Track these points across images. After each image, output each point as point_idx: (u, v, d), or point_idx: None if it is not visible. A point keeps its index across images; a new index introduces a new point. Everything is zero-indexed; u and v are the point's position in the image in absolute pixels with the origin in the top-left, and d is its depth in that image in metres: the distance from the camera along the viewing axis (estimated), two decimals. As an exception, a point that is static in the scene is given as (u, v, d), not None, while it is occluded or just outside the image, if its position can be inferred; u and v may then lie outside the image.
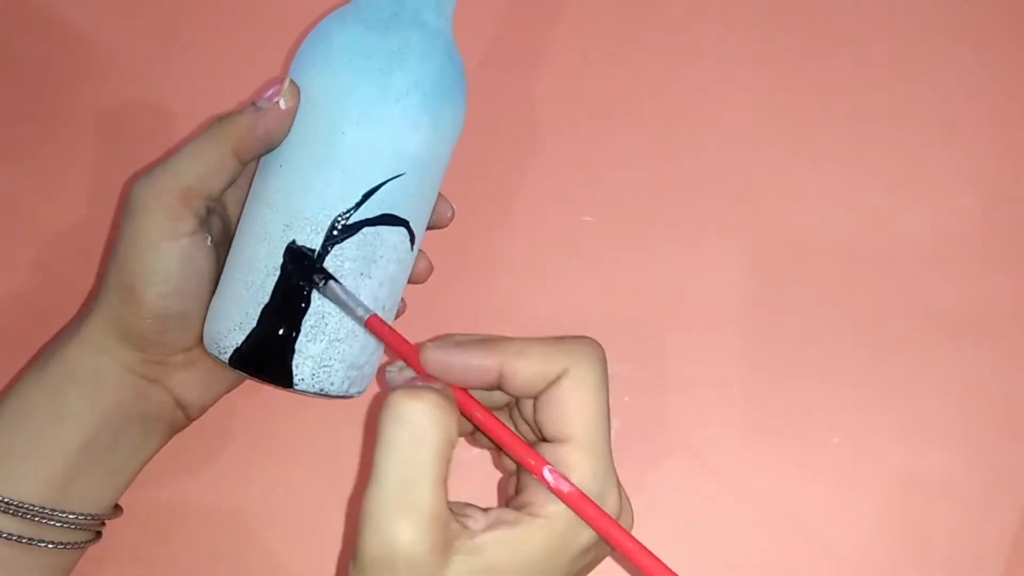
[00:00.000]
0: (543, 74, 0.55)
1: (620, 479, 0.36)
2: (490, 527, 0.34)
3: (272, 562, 0.49)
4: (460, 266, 0.52)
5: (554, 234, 0.53)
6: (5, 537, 0.40)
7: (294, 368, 0.40)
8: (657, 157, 0.53)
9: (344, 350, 0.41)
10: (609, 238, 0.53)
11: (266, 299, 0.40)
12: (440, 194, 0.44)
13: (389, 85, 0.40)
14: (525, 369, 0.35)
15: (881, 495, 0.50)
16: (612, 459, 0.36)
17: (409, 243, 0.42)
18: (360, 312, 0.39)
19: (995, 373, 0.51)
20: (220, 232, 0.44)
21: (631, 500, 0.37)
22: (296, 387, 0.40)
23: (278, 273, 0.40)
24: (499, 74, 0.54)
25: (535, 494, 0.35)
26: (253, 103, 0.40)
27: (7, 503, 0.40)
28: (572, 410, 0.35)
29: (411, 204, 0.41)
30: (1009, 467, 0.50)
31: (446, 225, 0.46)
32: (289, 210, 0.40)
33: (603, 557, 0.37)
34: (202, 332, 0.42)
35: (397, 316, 0.45)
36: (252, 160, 0.41)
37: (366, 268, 0.41)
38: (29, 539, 0.40)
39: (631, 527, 0.37)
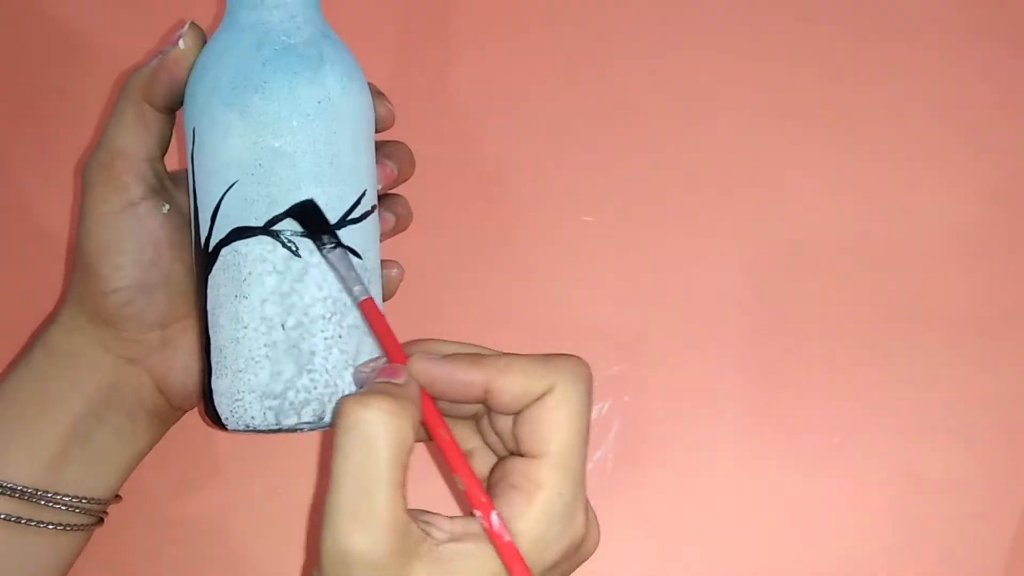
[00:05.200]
0: (542, 74, 0.54)
1: (620, 478, 0.36)
2: (456, 538, 0.34)
3: (275, 561, 0.49)
4: (459, 266, 0.52)
5: (554, 234, 0.53)
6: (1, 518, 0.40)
7: (218, 409, 0.38)
8: (657, 157, 0.53)
9: (249, 380, 0.37)
10: (609, 238, 0.53)
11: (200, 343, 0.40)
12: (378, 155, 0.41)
13: (196, 98, 0.38)
14: (512, 386, 0.35)
15: (881, 494, 0.50)
16: (584, 480, 0.35)
17: (284, 248, 0.37)
18: (357, 292, 0.37)
19: (995, 373, 0.51)
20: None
21: (630, 501, 0.37)
22: (228, 428, 0.38)
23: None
24: (498, 74, 0.54)
25: (506, 508, 0.34)
26: (160, 52, 0.40)
27: None
28: (551, 427, 0.35)
29: (261, 207, 0.37)
30: (1009, 467, 0.50)
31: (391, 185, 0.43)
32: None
33: (571, 571, 0.37)
34: (182, 313, 0.41)
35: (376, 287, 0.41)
36: (168, 106, 0.41)
37: (238, 289, 0.37)
38: (26, 520, 0.40)
39: (593, 550, 0.37)
